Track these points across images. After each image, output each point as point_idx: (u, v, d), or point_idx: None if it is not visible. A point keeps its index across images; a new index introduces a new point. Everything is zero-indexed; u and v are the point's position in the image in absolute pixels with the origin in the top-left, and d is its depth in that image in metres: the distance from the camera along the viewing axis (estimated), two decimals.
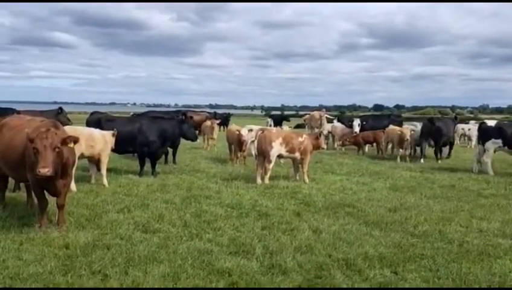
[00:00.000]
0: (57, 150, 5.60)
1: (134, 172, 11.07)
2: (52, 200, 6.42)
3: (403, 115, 44.39)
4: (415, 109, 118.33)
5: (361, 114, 36.91)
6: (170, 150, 13.08)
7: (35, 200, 6.54)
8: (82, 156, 8.99)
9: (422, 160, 15.18)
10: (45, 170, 5.40)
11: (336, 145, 19.65)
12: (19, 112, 8.67)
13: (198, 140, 11.73)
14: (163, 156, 12.68)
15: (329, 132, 20.35)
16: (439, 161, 15.02)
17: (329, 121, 22.02)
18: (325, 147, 11.32)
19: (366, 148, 18.04)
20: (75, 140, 5.98)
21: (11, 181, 8.00)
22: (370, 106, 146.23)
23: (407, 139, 14.99)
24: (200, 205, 7.76)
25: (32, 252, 5.23)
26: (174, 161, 13.44)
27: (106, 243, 5.56)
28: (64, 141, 5.78)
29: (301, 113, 55.09)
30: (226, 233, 6.18)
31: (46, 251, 5.28)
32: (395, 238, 6.07)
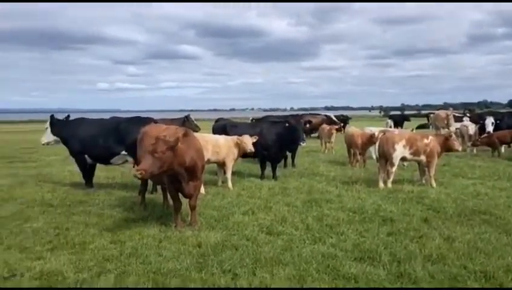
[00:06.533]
0: (155, 155, 5.81)
1: (256, 175, 11.47)
2: (185, 202, 6.95)
3: None
4: None
5: (495, 111, 33.47)
6: (289, 154, 13.29)
7: (171, 202, 7.17)
8: (208, 162, 9.60)
9: None
10: (136, 172, 5.80)
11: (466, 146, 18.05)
12: (156, 121, 9.54)
13: (304, 144, 11.54)
14: (283, 160, 12.93)
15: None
16: None
17: (458, 119, 20.32)
18: (459, 148, 10.35)
19: (503, 149, 16.25)
20: (172, 146, 5.95)
21: (150, 183, 8.88)
22: (504, 102, 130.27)
23: None
24: (321, 208, 7.76)
25: (170, 250, 5.72)
26: (293, 164, 13.64)
27: (234, 244, 5.85)
28: (170, 147, 5.88)
29: (424, 112, 51.84)
30: (350, 238, 6.09)
31: (182, 249, 5.73)
32: None
